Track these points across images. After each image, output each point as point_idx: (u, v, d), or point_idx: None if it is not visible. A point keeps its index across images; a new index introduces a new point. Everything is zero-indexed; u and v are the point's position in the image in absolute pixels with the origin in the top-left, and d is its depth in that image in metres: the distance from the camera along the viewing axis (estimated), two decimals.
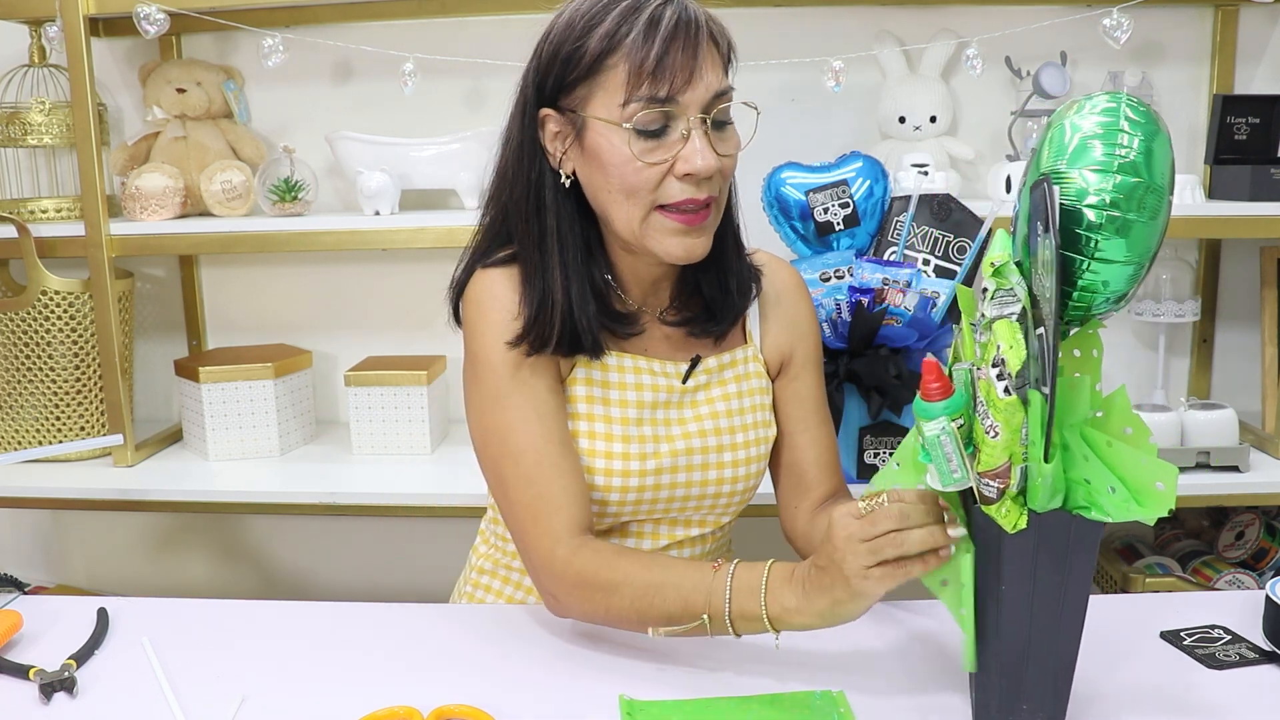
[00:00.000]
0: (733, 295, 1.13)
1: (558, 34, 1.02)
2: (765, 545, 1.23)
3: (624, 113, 0.99)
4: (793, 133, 1.87)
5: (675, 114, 0.99)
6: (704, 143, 1.00)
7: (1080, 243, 0.78)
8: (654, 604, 0.96)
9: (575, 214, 1.07)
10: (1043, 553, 0.80)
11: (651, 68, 0.97)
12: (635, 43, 0.97)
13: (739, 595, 0.92)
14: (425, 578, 2.09)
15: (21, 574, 2.08)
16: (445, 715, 0.89)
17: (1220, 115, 1.74)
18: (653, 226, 1.03)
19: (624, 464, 1.09)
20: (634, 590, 0.97)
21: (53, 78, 1.86)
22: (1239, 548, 1.83)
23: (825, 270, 1.61)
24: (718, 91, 1.01)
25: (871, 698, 0.92)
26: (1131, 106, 0.78)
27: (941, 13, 1.84)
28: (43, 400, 1.82)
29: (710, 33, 1.01)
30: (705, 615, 0.93)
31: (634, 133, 0.99)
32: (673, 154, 1.00)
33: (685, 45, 0.98)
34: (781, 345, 1.20)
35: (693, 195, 1.01)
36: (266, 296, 2.06)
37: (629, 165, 1.00)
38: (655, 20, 0.97)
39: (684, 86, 0.98)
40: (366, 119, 1.92)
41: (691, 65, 0.98)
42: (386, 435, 1.84)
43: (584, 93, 1.01)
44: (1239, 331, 1.96)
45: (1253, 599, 1.07)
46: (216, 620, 1.12)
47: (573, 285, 1.06)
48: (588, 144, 1.02)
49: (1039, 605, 0.82)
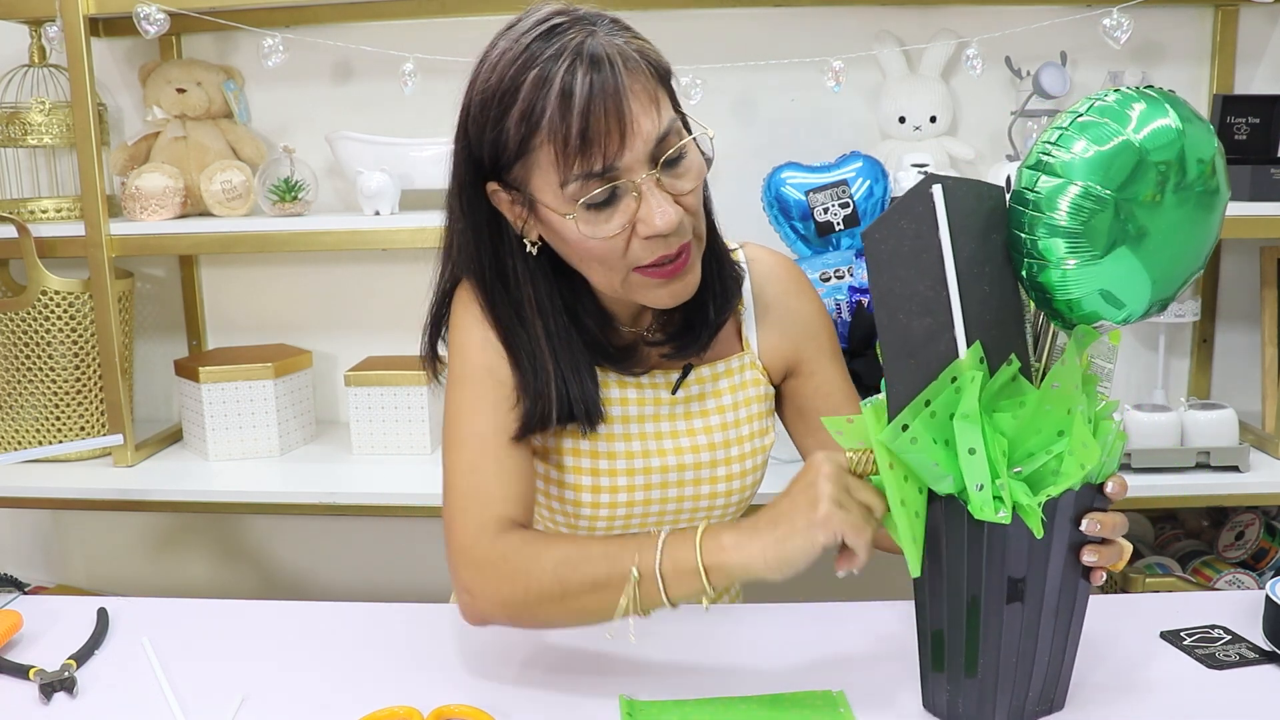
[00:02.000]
0: (709, 311, 1.08)
1: (476, 114, 0.95)
2: None
3: (565, 194, 0.92)
4: (793, 133, 1.87)
5: (620, 181, 0.91)
6: (659, 198, 0.92)
7: (1021, 243, 0.78)
8: (579, 569, 0.90)
9: (549, 275, 1.02)
10: (935, 527, 0.82)
11: (578, 145, 0.89)
12: (553, 121, 0.89)
13: (672, 546, 0.87)
14: (425, 578, 2.10)
15: (21, 574, 2.08)
16: (445, 715, 0.89)
17: (1220, 115, 1.74)
18: (634, 285, 0.98)
19: (611, 480, 1.07)
20: (556, 559, 0.91)
21: (53, 78, 1.86)
22: (1239, 548, 1.83)
23: (825, 270, 1.61)
24: (659, 136, 0.92)
25: (871, 698, 0.92)
26: (1099, 107, 0.76)
27: (941, 13, 1.84)
28: (43, 400, 1.82)
29: (633, 71, 0.91)
30: (634, 569, 0.87)
31: (582, 210, 0.92)
32: (631, 217, 0.93)
33: (608, 106, 0.88)
34: (783, 348, 1.15)
35: (664, 252, 0.95)
36: (266, 296, 2.06)
37: (589, 243, 0.94)
38: (567, 89, 0.88)
39: (619, 151, 0.90)
40: (366, 119, 1.93)
41: (620, 125, 0.89)
42: (386, 435, 1.84)
43: (521, 173, 0.94)
44: (1239, 331, 1.96)
45: (1253, 599, 1.07)
46: (216, 620, 1.12)
47: (562, 359, 1.01)
48: (543, 219, 0.96)
49: (932, 577, 0.84)
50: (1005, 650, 0.82)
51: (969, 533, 0.80)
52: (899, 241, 0.79)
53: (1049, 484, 0.79)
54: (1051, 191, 0.76)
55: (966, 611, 0.82)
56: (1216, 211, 0.79)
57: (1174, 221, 0.77)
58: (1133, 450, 1.62)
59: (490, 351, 1.03)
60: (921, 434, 0.78)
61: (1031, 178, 0.77)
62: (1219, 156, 0.78)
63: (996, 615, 0.82)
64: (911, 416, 0.78)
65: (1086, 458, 0.77)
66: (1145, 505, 1.85)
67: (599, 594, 0.89)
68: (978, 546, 0.80)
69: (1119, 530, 0.83)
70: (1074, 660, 0.87)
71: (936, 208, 0.78)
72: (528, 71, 0.90)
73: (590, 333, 1.05)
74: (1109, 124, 0.75)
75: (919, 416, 0.78)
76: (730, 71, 1.81)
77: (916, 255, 0.79)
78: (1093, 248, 0.76)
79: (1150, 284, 0.79)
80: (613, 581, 0.89)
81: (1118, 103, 0.76)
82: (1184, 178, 0.76)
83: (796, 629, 1.06)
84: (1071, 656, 0.87)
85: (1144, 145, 0.75)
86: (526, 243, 1.00)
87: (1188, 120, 0.76)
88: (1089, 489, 0.81)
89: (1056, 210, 0.76)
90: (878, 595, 1.13)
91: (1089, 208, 0.75)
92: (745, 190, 1.71)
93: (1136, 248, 0.77)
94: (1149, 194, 0.75)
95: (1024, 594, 0.81)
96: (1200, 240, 0.79)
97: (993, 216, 0.81)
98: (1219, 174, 0.78)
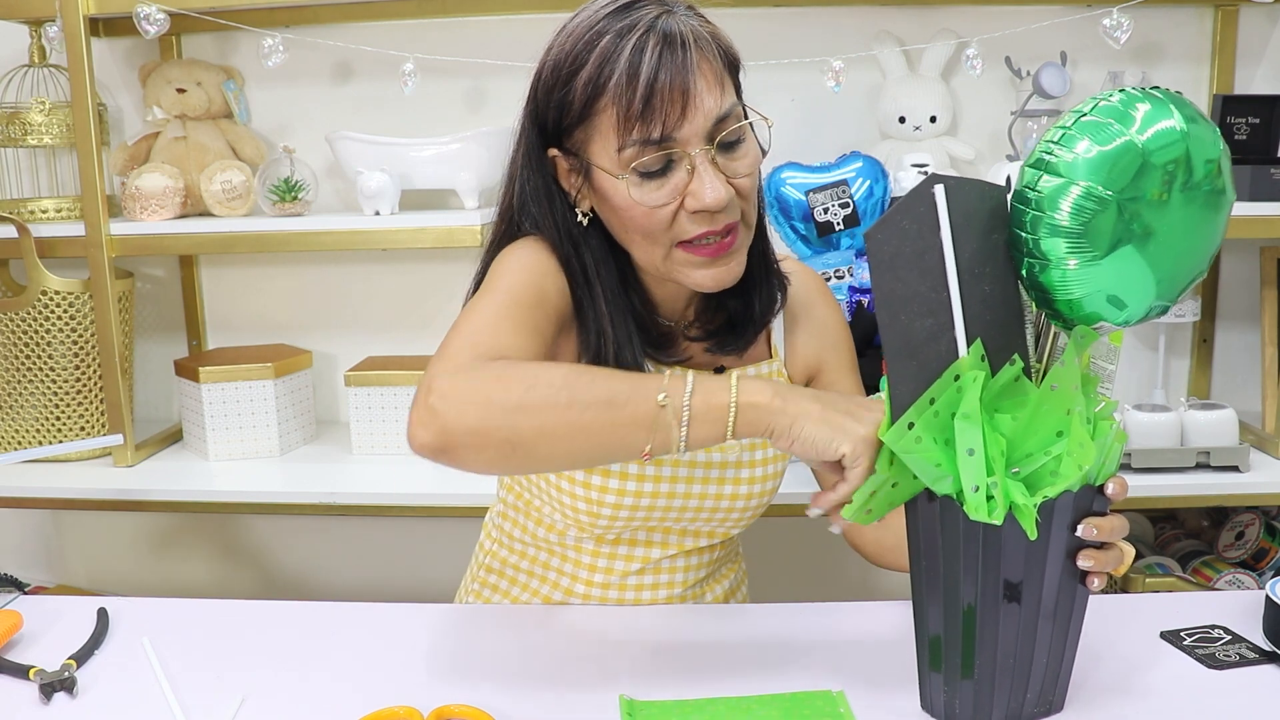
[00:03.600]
0: (755, 310, 1.09)
1: (546, 77, 0.98)
2: (772, 546, 1.23)
3: (621, 159, 0.94)
4: (793, 133, 1.87)
5: (676, 151, 0.94)
6: (711, 174, 0.94)
7: (1022, 242, 0.78)
8: (595, 380, 0.83)
9: (604, 246, 1.03)
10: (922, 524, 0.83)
11: (640, 110, 0.91)
12: (619, 85, 0.92)
13: (704, 381, 0.84)
14: (425, 578, 2.10)
15: (21, 574, 2.07)
16: (445, 715, 0.89)
17: (1220, 115, 1.74)
18: (676, 262, 0.99)
19: (639, 468, 1.06)
20: (567, 369, 0.85)
21: (53, 78, 1.86)
22: (1239, 548, 1.83)
23: (825, 270, 1.61)
24: (719, 116, 0.94)
25: (871, 698, 0.92)
26: (1101, 108, 0.76)
27: (941, 13, 1.84)
28: (43, 400, 1.82)
29: (704, 52, 0.94)
30: (663, 393, 0.82)
31: (635, 176, 0.94)
32: (681, 190, 0.95)
33: (674, 78, 0.91)
34: (809, 357, 1.17)
35: (709, 228, 0.96)
36: (266, 296, 2.06)
37: (636, 210, 0.96)
38: (637, 57, 0.91)
39: (678, 122, 0.92)
40: (366, 119, 1.92)
41: (683, 98, 0.92)
42: (386, 435, 1.84)
43: (582, 136, 0.97)
44: (1239, 331, 1.96)
45: (1253, 599, 1.07)
46: (216, 620, 1.12)
47: (616, 323, 1.02)
48: (596, 186, 0.98)
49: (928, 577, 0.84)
50: (1002, 652, 0.82)
51: (964, 533, 0.80)
52: (901, 242, 0.79)
53: (1046, 485, 0.79)
54: (1053, 191, 0.76)
55: (963, 613, 0.82)
56: (1222, 213, 0.79)
57: (1178, 223, 0.77)
58: (1133, 450, 1.62)
59: (551, 288, 0.98)
60: (925, 433, 0.78)
61: (1033, 177, 0.77)
62: (1225, 158, 0.78)
63: (993, 617, 0.81)
64: (916, 415, 0.78)
65: (1084, 458, 0.77)
66: (1145, 505, 1.85)
67: (611, 412, 0.82)
68: (973, 548, 0.80)
69: (1118, 534, 0.83)
70: (1073, 662, 0.87)
71: (938, 208, 0.78)
72: (600, 39, 0.93)
73: (638, 313, 1.05)
74: (1112, 124, 0.75)
75: (923, 415, 0.78)
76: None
77: (919, 256, 0.79)
78: (1094, 248, 0.76)
79: (1154, 285, 0.78)
80: (632, 400, 0.82)
81: (1122, 103, 0.76)
82: (1190, 178, 0.76)
83: (796, 629, 1.06)
84: (1070, 658, 0.87)
85: (1147, 146, 0.74)
86: (578, 212, 1.01)
87: (1192, 121, 0.76)
88: (1088, 490, 0.81)
89: (1058, 210, 0.76)
90: (878, 595, 1.13)
91: (1090, 208, 0.75)
92: None
93: (1140, 249, 0.77)
94: (1154, 195, 0.75)
95: (1021, 596, 0.81)
96: (1205, 242, 0.79)
97: (994, 216, 0.81)
98: (1225, 175, 0.78)
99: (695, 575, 1.16)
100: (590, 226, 1.02)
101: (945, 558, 0.82)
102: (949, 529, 0.81)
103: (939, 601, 0.84)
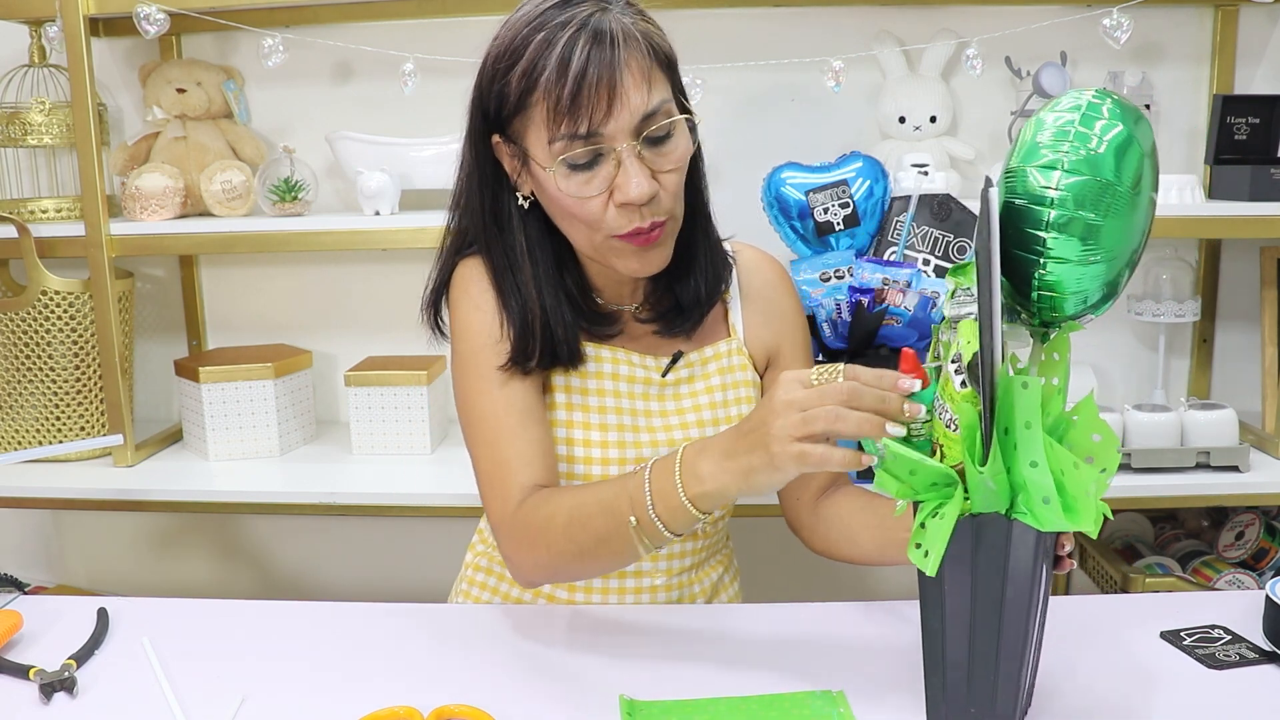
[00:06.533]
0: (701, 292, 1.14)
1: (488, 68, 1.02)
2: (766, 545, 1.23)
3: (551, 150, 0.98)
4: (793, 133, 1.87)
5: (603, 145, 0.98)
6: (637, 168, 0.98)
7: (1033, 242, 0.77)
8: (585, 527, 0.96)
9: (542, 229, 1.08)
10: (981, 554, 0.79)
11: (568, 105, 0.95)
12: (549, 80, 0.95)
13: (658, 484, 0.92)
14: (425, 578, 2.10)
15: (21, 574, 2.07)
16: (445, 715, 0.89)
17: (1220, 115, 1.74)
18: (609, 248, 1.04)
19: (603, 452, 1.10)
20: (564, 518, 0.97)
21: (53, 78, 1.86)
22: (1239, 548, 1.83)
23: (825, 270, 1.61)
24: (646, 112, 0.98)
25: (871, 698, 0.92)
26: (1099, 104, 0.76)
27: (941, 13, 1.84)
28: (43, 400, 1.82)
29: (632, 49, 0.97)
30: (632, 518, 0.93)
31: (564, 168, 0.98)
32: (609, 183, 0.99)
33: (601, 74, 0.95)
34: (765, 338, 1.21)
35: (637, 224, 1.01)
36: (266, 296, 2.06)
37: (566, 200, 1.01)
38: (568, 52, 0.95)
39: (604, 118, 0.96)
40: (366, 119, 1.92)
41: (610, 94, 0.95)
42: (386, 435, 1.84)
43: (519, 126, 1.01)
44: (1239, 331, 1.96)
45: (1253, 599, 1.08)
46: (216, 620, 1.12)
47: (546, 296, 1.07)
48: (533, 173, 1.03)
49: (980, 606, 0.81)
50: (1005, 654, 0.82)
51: (972, 540, 0.80)
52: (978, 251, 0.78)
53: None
54: (1037, 189, 0.76)
55: (970, 615, 0.82)
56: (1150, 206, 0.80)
57: (1128, 221, 0.77)
58: (1133, 450, 1.62)
59: (484, 310, 1.08)
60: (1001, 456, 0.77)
61: (1021, 174, 0.77)
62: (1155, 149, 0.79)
63: (994, 619, 0.81)
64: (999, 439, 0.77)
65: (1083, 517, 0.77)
66: (1145, 505, 1.85)
67: (610, 545, 0.95)
68: (987, 552, 0.80)
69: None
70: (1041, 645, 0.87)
71: (990, 210, 0.77)
72: (536, 34, 0.97)
73: (571, 293, 1.10)
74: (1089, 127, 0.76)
75: (999, 441, 0.77)
76: (730, 71, 1.81)
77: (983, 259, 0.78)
78: (1100, 247, 0.76)
79: (1105, 280, 0.78)
80: (618, 532, 0.94)
81: (1090, 105, 0.77)
82: (1147, 177, 0.77)
83: (796, 629, 1.07)
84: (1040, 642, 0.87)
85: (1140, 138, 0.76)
86: (519, 195, 1.07)
87: (1135, 119, 0.77)
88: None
89: (1083, 207, 0.75)
90: (878, 595, 1.13)
91: (1106, 203, 0.75)
92: (745, 190, 1.71)
93: (1107, 244, 0.76)
94: (1133, 188, 0.76)
95: (1022, 596, 0.81)
96: (1139, 237, 0.80)
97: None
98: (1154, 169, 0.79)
99: (680, 564, 1.18)
100: (531, 210, 1.08)
101: (950, 564, 0.80)
102: (958, 537, 0.79)
103: (942, 604, 0.83)
